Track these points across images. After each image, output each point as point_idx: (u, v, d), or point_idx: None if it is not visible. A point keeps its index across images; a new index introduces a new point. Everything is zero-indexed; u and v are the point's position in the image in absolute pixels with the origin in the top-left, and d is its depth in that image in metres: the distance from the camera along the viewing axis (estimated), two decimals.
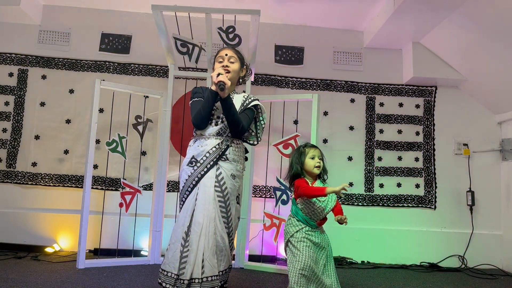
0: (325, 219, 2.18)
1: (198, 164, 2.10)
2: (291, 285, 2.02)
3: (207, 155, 2.11)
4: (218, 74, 2.06)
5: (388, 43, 3.85)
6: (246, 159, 2.34)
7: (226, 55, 2.22)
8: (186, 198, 2.11)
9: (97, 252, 3.29)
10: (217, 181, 2.09)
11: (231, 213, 2.10)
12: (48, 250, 3.38)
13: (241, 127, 2.13)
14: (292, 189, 2.21)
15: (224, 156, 2.13)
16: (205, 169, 2.09)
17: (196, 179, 2.09)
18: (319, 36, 3.93)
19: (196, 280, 1.96)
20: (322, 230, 2.20)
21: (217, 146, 2.12)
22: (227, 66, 2.18)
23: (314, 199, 2.10)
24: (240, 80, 2.33)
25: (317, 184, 2.19)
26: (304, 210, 2.12)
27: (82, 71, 3.72)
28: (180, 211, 2.14)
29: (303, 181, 2.15)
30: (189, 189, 2.10)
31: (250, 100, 2.24)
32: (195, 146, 2.16)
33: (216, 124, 2.16)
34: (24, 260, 3.11)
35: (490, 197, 3.75)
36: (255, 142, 2.33)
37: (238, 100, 2.22)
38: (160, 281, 2.06)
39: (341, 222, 2.08)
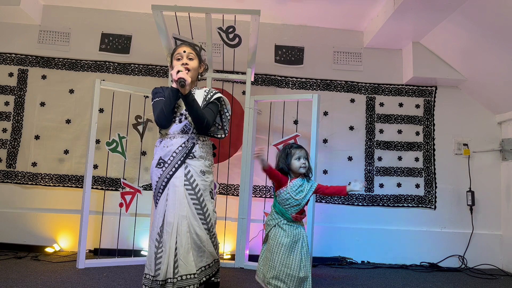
0: (301, 213, 2.24)
1: (166, 165, 2.11)
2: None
3: (174, 155, 2.11)
4: (178, 72, 2.06)
5: (388, 43, 3.85)
6: (214, 155, 2.35)
7: (184, 51, 2.22)
8: (158, 200, 2.12)
9: (97, 252, 3.29)
10: (186, 179, 2.09)
11: (207, 209, 2.11)
12: (48, 250, 3.38)
13: (206, 122, 2.13)
14: (274, 184, 2.27)
15: (191, 154, 2.13)
16: (173, 169, 2.09)
17: (166, 180, 2.09)
18: (319, 36, 3.93)
19: (169, 280, 1.97)
20: (300, 224, 2.25)
21: (183, 145, 2.12)
22: (186, 64, 2.19)
23: (288, 195, 2.18)
24: (199, 76, 2.33)
25: (298, 181, 2.23)
26: (281, 203, 2.21)
27: (82, 71, 3.72)
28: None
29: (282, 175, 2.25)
30: (160, 190, 2.11)
31: (212, 94, 2.25)
32: (161, 147, 2.16)
33: (180, 121, 2.16)
34: (24, 260, 3.11)
35: (490, 197, 3.75)
36: (223, 135, 2.35)
37: (199, 96, 2.22)
38: (142, 283, 2.08)
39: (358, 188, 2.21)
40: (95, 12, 3.81)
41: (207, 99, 2.23)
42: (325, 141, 3.78)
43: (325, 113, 3.82)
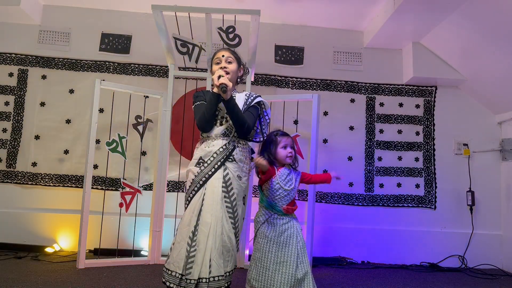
0: (292, 205, 2.17)
1: (205, 165, 2.11)
2: (250, 280, 2.08)
3: (214, 155, 2.11)
4: (219, 77, 2.08)
5: (388, 43, 3.85)
6: (252, 159, 2.35)
7: (223, 56, 2.25)
8: (192, 198, 2.10)
9: (97, 252, 3.29)
10: (224, 181, 2.09)
11: (237, 214, 2.11)
12: (48, 250, 3.38)
13: (247, 126, 2.14)
14: (259, 176, 2.21)
15: (231, 157, 2.14)
16: (213, 170, 2.10)
17: (204, 179, 2.09)
18: (319, 36, 3.93)
19: (204, 280, 1.95)
20: (292, 216, 2.18)
21: (224, 147, 2.13)
22: (225, 67, 2.21)
23: (278, 185, 2.13)
24: (238, 79, 2.35)
25: (285, 169, 2.19)
26: (270, 195, 2.15)
27: (82, 71, 3.72)
28: (185, 210, 2.14)
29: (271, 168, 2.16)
30: (196, 188, 2.10)
31: (252, 97, 2.26)
32: (202, 148, 2.18)
33: (221, 124, 2.18)
34: (24, 260, 3.11)
35: (490, 197, 3.75)
36: (261, 139, 2.35)
37: (240, 99, 2.23)
38: (164, 280, 2.05)
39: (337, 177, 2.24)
40: (95, 12, 3.81)
41: (247, 102, 2.23)
42: (325, 141, 3.78)
43: (325, 113, 3.82)
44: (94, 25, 3.79)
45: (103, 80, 3.18)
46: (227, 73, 2.19)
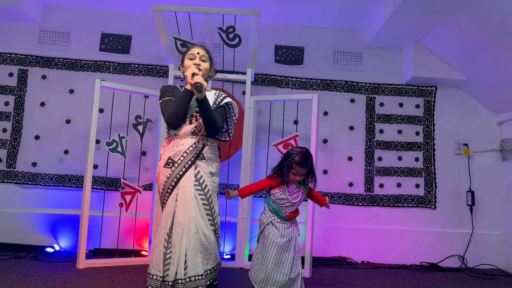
0: (296, 213, 2.32)
1: (176, 165, 2.10)
2: (255, 279, 2.21)
3: (184, 155, 2.10)
4: (193, 74, 2.06)
5: (388, 43, 3.85)
6: (220, 157, 2.36)
7: (198, 53, 2.23)
8: (166, 200, 2.11)
9: (97, 252, 3.29)
10: (196, 180, 2.09)
11: (215, 210, 2.12)
12: (48, 250, 3.38)
13: (217, 127, 2.15)
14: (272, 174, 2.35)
15: (201, 155, 2.13)
16: (184, 169, 2.09)
17: (175, 180, 2.09)
18: (319, 36, 3.93)
19: (180, 281, 1.96)
20: (293, 222, 2.33)
21: (193, 146, 2.12)
22: (198, 64, 2.19)
23: (284, 196, 2.25)
24: (208, 80, 2.34)
25: (292, 186, 2.28)
26: (276, 202, 2.27)
27: (82, 71, 3.72)
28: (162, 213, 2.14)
29: (268, 181, 2.31)
30: (169, 190, 2.10)
31: (221, 98, 2.26)
32: (170, 147, 2.15)
33: (191, 123, 2.16)
34: (24, 260, 3.11)
35: (490, 197, 3.75)
36: (227, 139, 2.36)
37: (210, 98, 2.23)
38: (147, 284, 2.06)
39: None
40: (95, 12, 3.81)
41: (217, 102, 2.23)
42: (325, 141, 3.78)
43: (325, 113, 3.82)
44: (94, 25, 3.79)
45: (103, 80, 3.18)
46: (199, 70, 2.17)
